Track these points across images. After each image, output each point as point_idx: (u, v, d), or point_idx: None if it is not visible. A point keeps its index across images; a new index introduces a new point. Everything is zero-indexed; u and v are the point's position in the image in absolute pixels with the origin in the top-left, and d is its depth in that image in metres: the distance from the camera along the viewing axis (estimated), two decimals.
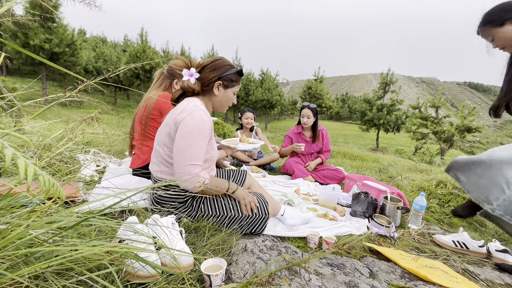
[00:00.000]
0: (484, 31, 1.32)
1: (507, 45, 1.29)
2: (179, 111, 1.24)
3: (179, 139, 1.19)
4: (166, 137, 1.26)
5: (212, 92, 1.32)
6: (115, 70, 0.87)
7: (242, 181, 1.80)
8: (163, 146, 1.29)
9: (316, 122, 3.00)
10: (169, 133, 1.25)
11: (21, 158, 0.43)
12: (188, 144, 1.18)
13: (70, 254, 0.55)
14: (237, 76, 1.35)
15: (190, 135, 1.18)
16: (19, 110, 1.15)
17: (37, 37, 11.16)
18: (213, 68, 1.29)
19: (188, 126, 1.17)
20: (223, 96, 1.34)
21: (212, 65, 1.30)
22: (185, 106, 1.24)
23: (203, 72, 1.30)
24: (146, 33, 17.94)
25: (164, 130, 1.28)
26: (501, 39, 1.28)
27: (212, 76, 1.28)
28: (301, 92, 25.80)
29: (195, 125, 1.18)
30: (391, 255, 1.36)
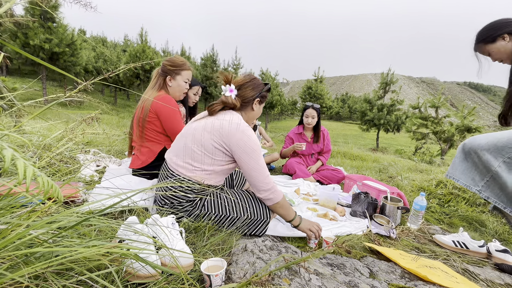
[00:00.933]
0: (480, 48, 1.43)
1: (504, 58, 1.39)
2: (235, 126, 1.30)
3: (246, 158, 1.30)
4: (209, 143, 1.30)
5: (250, 108, 1.45)
6: (115, 70, 0.87)
7: (243, 181, 1.80)
8: (200, 147, 1.31)
9: (318, 122, 2.98)
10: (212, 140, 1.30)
11: (20, 159, 0.43)
12: (257, 160, 1.32)
13: (70, 254, 0.55)
14: (267, 92, 1.50)
15: (255, 153, 1.31)
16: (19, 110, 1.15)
17: (37, 37, 11.16)
18: (253, 87, 1.42)
19: (250, 143, 1.30)
20: (258, 111, 1.49)
21: (252, 84, 1.43)
22: (232, 119, 1.33)
23: (242, 89, 1.41)
24: (146, 33, 17.94)
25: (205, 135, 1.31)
26: (496, 53, 1.39)
27: (252, 94, 1.42)
28: (301, 92, 25.78)
29: (255, 142, 1.32)
30: (391, 255, 1.36)
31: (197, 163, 1.32)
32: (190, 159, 1.33)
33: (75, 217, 0.65)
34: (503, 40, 1.35)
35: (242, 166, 1.33)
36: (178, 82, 1.91)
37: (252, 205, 1.41)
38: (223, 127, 1.30)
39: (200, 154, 1.31)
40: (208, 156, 1.31)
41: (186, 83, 1.95)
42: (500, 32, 1.35)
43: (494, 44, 1.38)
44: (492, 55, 1.41)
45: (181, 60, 1.92)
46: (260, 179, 1.32)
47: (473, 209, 2.37)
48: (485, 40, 1.39)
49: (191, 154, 1.32)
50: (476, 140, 1.40)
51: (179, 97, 1.97)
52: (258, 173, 1.32)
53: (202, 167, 1.32)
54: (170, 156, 1.41)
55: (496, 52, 1.38)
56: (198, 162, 1.32)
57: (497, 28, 1.36)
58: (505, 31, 1.34)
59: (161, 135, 1.85)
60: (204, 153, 1.31)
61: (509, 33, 1.34)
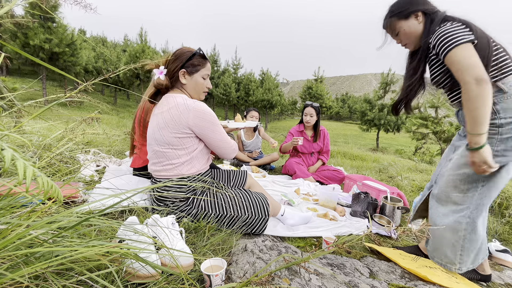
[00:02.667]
0: (391, 24, 1.25)
1: (409, 41, 1.24)
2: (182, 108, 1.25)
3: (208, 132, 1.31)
4: (171, 138, 1.28)
5: (180, 82, 1.35)
6: (115, 70, 0.87)
7: (243, 181, 1.79)
8: (167, 146, 1.30)
9: (318, 121, 3.01)
10: (174, 133, 1.27)
11: (20, 159, 0.43)
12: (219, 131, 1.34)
13: (70, 254, 0.55)
14: (200, 60, 1.35)
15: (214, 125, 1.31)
16: (19, 110, 1.15)
17: (37, 37, 11.15)
18: (174, 59, 1.32)
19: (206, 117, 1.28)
20: (192, 83, 1.36)
21: (173, 56, 1.32)
22: (176, 102, 1.27)
23: (168, 65, 1.34)
24: (145, 33, 17.95)
25: (164, 133, 1.29)
26: (406, 33, 1.23)
27: (174, 66, 1.31)
28: (301, 92, 25.78)
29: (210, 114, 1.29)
30: (391, 255, 1.36)
31: (174, 160, 1.32)
32: (165, 160, 1.33)
33: (75, 217, 0.65)
34: (415, 18, 1.19)
35: (208, 142, 1.34)
36: None
37: (250, 203, 1.41)
38: (174, 116, 1.26)
39: (171, 152, 1.31)
40: (179, 149, 1.30)
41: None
42: (416, 8, 1.18)
43: (407, 21, 1.20)
44: (400, 34, 1.24)
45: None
46: (227, 146, 1.39)
47: None
48: (399, 14, 1.21)
49: (164, 155, 1.32)
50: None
51: None
52: (224, 143, 1.37)
53: (180, 161, 1.32)
54: (150, 167, 1.42)
55: (407, 31, 1.21)
56: (174, 158, 1.32)
57: (415, 3, 1.18)
58: (420, 9, 1.18)
59: None
60: (173, 149, 1.30)
61: (423, 12, 1.18)
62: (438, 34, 1.10)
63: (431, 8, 1.18)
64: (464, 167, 1.15)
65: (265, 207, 1.43)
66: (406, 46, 1.29)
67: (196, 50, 1.34)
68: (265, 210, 1.43)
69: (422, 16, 1.19)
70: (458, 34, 1.06)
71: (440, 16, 1.15)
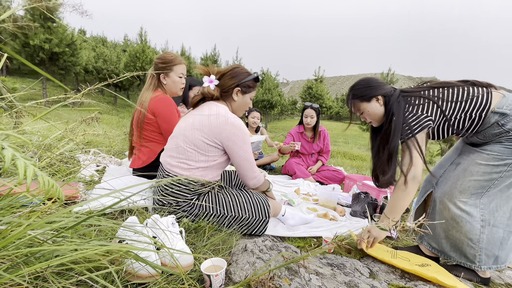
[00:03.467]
0: (354, 104, 1.40)
1: (373, 119, 1.39)
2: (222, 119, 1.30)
3: (238, 149, 1.33)
4: (200, 141, 1.31)
5: (231, 98, 1.42)
6: (115, 70, 0.87)
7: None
8: (193, 146, 1.32)
9: (317, 122, 3.00)
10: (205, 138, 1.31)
11: (20, 159, 0.43)
12: (246, 148, 1.35)
13: (70, 254, 0.55)
14: (253, 82, 1.44)
15: (245, 143, 1.34)
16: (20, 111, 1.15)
17: (37, 37, 11.15)
18: (232, 76, 1.39)
19: (240, 135, 1.32)
20: (241, 101, 1.44)
21: (231, 72, 1.39)
22: (224, 113, 1.32)
23: (223, 79, 1.39)
24: (145, 33, 17.94)
25: (196, 133, 1.31)
26: (370, 113, 1.37)
27: (231, 83, 1.38)
28: (301, 92, 25.77)
29: (245, 133, 1.34)
30: (380, 255, 1.34)
31: (191, 162, 1.33)
32: (184, 158, 1.33)
33: (75, 217, 0.66)
34: (377, 101, 1.34)
35: (233, 158, 1.36)
36: (172, 79, 1.85)
37: (251, 204, 1.41)
38: (212, 123, 1.29)
39: (193, 153, 1.32)
40: (201, 153, 1.32)
41: (181, 78, 1.88)
42: (376, 92, 1.33)
43: (369, 103, 1.35)
44: (364, 113, 1.39)
45: (171, 55, 1.85)
46: (249, 167, 1.38)
47: None
48: (362, 98, 1.36)
49: (185, 153, 1.33)
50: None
51: (177, 93, 1.92)
52: (248, 163, 1.37)
53: (197, 165, 1.33)
54: (164, 159, 1.41)
55: (370, 112, 1.36)
56: (193, 160, 1.33)
57: (373, 88, 1.34)
58: (380, 93, 1.33)
59: (160, 136, 1.84)
60: (197, 151, 1.32)
61: (383, 95, 1.33)
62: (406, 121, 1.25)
63: (388, 90, 1.34)
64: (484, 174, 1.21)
65: (266, 208, 1.44)
66: (371, 123, 1.43)
67: (254, 74, 1.44)
68: (266, 212, 1.43)
69: (382, 98, 1.34)
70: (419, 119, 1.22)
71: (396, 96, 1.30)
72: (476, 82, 1.26)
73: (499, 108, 1.15)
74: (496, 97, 1.18)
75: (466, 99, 1.20)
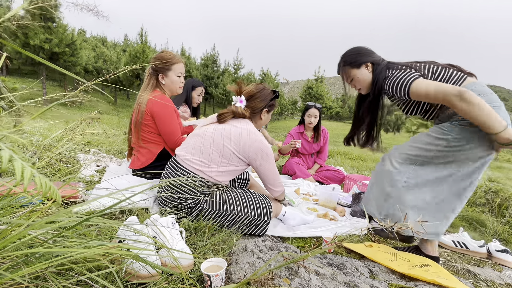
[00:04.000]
0: (345, 71, 1.43)
1: (362, 86, 1.42)
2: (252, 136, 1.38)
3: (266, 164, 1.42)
4: (228, 149, 1.36)
5: (258, 117, 1.52)
6: (115, 70, 0.87)
7: (245, 182, 1.79)
8: (219, 151, 1.36)
9: (319, 122, 3.00)
10: (231, 147, 1.36)
11: (18, 160, 0.43)
12: (272, 163, 1.44)
13: (70, 254, 0.55)
14: (275, 100, 1.55)
15: (270, 157, 1.42)
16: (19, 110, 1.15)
17: (37, 37, 11.16)
18: (262, 99, 1.48)
19: (266, 150, 1.40)
20: (266, 119, 1.56)
21: (261, 95, 1.48)
22: (248, 128, 1.40)
23: (251, 100, 1.46)
24: (145, 33, 17.95)
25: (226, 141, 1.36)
26: (359, 80, 1.40)
27: (261, 105, 1.49)
28: (301, 92, 25.79)
29: (268, 147, 1.42)
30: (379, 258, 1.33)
31: (212, 164, 1.36)
32: (206, 159, 1.36)
33: (75, 217, 0.65)
34: (366, 68, 1.37)
35: (259, 170, 1.44)
36: (171, 78, 1.82)
37: (253, 204, 1.41)
38: (242, 136, 1.36)
39: (217, 157, 1.36)
40: (224, 160, 1.36)
41: (180, 77, 1.85)
42: (366, 59, 1.37)
43: (359, 69, 1.38)
44: (354, 80, 1.42)
45: (169, 55, 1.82)
46: (275, 178, 1.48)
47: (473, 209, 2.37)
48: (352, 64, 1.39)
49: (209, 156, 1.36)
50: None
51: (176, 91, 1.89)
52: (273, 174, 1.46)
53: (216, 168, 1.36)
54: (182, 153, 1.41)
55: (360, 78, 1.39)
56: (214, 163, 1.36)
57: (364, 55, 1.38)
58: (369, 60, 1.36)
59: (159, 137, 1.83)
60: (221, 156, 1.36)
61: (372, 63, 1.37)
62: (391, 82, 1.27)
63: (377, 59, 1.38)
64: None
65: (268, 209, 1.44)
66: (360, 90, 1.46)
67: (277, 92, 1.55)
68: (268, 212, 1.43)
69: (371, 66, 1.38)
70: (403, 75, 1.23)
71: (383, 65, 1.34)
72: (460, 68, 1.29)
73: None
74: (466, 82, 1.21)
75: (442, 76, 1.24)
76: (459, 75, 1.23)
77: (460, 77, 1.22)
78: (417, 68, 1.26)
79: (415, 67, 1.28)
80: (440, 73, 1.25)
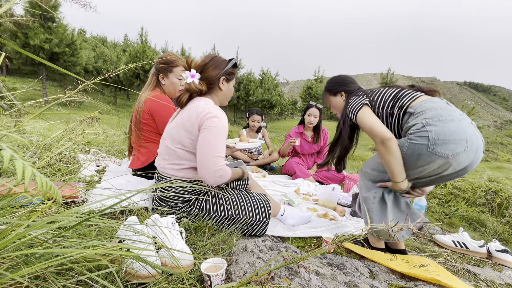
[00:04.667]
0: (325, 96, 1.61)
1: (337, 111, 1.57)
2: (201, 110, 1.26)
3: (207, 133, 1.24)
4: (185, 139, 1.28)
5: (217, 88, 1.39)
6: (115, 70, 0.87)
7: (245, 182, 1.79)
8: (180, 145, 1.30)
9: (319, 122, 3.00)
10: (189, 134, 1.27)
11: (18, 159, 0.43)
12: (216, 137, 1.24)
13: (70, 254, 0.55)
14: (233, 69, 1.43)
15: (217, 129, 1.25)
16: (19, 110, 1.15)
17: (37, 37, 11.15)
18: (214, 66, 1.36)
19: (215, 121, 1.25)
20: (227, 90, 1.43)
21: (213, 62, 1.36)
22: (204, 106, 1.27)
23: (204, 71, 1.35)
24: (146, 33, 17.93)
25: (180, 132, 1.29)
26: (334, 106, 1.57)
27: (216, 73, 1.35)
28: (301, 92, 25.79)
29: (220, 121, 1.26)
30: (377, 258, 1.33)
31: (183, 161, 1.32)
32: (175, 159, 1.32)
33: (75, 217, 0.65)
34: (341, 97, 1.53)
35: (198, 142, 1.25)
36: (171, 80, 1.85)
37: (251, 205, 1.41)
38: (191, 116, 1.27)
39: (183, 152, 1.31)
40: (190, 152, 1.31)
41: (180, 80, 1.87)
42: (341, 89, 1.52)
43: (335, 97, 1.55)
44: (331, 106, 1.59)
45: (172, 57, 1.84)
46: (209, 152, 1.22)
47: (473, 209, 2.37)
48: (330, 91, 1.56)
49: (174, 154, 1.32)
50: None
51: (174, 94, 1.91)
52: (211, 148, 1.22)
53: (189, 164, 1.32)
54: (158, 162, 1.41)
55: (334, 104, 1.57)
56: (184, 159, 1.32)
57: (341, 84, 1.53)
58: (343, 89, 1.51)
59: (159, 136, 1.83)
60: (186, 150, 1.30)
61: (346, 92, 1.50)
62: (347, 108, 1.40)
63: (352, 88, 1.50)
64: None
65: (266, 209, 1.43)
66: (336, 114, 1.60)
67: (234, 60, 1.42)
68: (266, 213, 1.43)
69: (345, 95, 1.52)
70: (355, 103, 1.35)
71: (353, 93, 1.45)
72: (419, 88, 1.36)
73: (410, 108, 1.24)
74: (416, 101, 1.25)
75: (394, 96, 1.32)
76: (410, 95, 1.28)
77: (412, 97, 1.27)
78: (369, 95, 1.38)
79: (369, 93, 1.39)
80: (390, 95, 1.33)
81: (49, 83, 18.70)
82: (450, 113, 1.15)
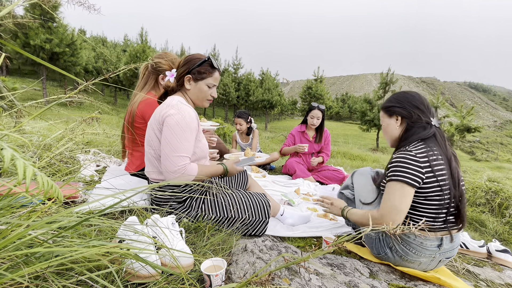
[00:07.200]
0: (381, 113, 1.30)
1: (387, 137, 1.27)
2: (164, 107, 1.24)
3: (166, 130, 1.19)
4: (154, 137, 1.26)
5: (184, 87, 1.34)
6: (115, 70, 0.87)
7: (244, 182, 1.78)
8: (153, 147, 1.29)
9: (322, 123, 3.01)
10: (155, 132, 1.25)
11: (19, 159, 0.43)
12: (175, 135, 1.18)
13: (70, 254, 0.55)
14: (207, 68, 1.33)
15: (178, 126, 1.18)
16: (20, 110, 1.15)
17: (38, 37, 11.16)
18: (183, 63, 1.32)
19: (175, 118, 1.18)
20: (195, 90, 1.34)
21: (185, 61, 1.33)
22: (169, 103, 1.25)
23: (178, 68, 1.35)
24: (146, 33, 17.94)
25: (150, 131, 1.28)
26: (385, 128, 1.26)
27: (182, 71, 1.31)
28: (301, 92, 25.78)
29: (182, 118, 1.19)
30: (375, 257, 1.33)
31: (156, 164, 1.30)
32: (156, 161, 1.30)
33: (75, 217, 0.65)
34: (396, 120, 1.21)
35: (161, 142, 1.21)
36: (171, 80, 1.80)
37: (251, 205, 1.41)
38: (156, 114, 1.25)
39: (155, 155, 1.28)
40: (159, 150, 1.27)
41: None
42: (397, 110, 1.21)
43: (390, 118, 1.23)
44: (383, 126, 1.29)
45: (174, 57, 1.75)
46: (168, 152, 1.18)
47: (473, 209, 2.37)
48: (385, 108, 1.25)
49: (152, 158, 1.30)
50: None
51: None
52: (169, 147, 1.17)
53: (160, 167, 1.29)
54: (148, 172, 1.39)
55: (385, 127, 1.25)
56: (158, 161, 1.29)
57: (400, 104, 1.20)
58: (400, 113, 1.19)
59: None
60: (157, 151, 1.27)
61: (403, 117, 1.18)
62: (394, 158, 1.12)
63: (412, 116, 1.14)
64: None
65: (266, 209, 1.43)
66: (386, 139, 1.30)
67: (205, 58, 1.33)
68: (266, 212, 1.42)
69: (401, 120, 1.18)
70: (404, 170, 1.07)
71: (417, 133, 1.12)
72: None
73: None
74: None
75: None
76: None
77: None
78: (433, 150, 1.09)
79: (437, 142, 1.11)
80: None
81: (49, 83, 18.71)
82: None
